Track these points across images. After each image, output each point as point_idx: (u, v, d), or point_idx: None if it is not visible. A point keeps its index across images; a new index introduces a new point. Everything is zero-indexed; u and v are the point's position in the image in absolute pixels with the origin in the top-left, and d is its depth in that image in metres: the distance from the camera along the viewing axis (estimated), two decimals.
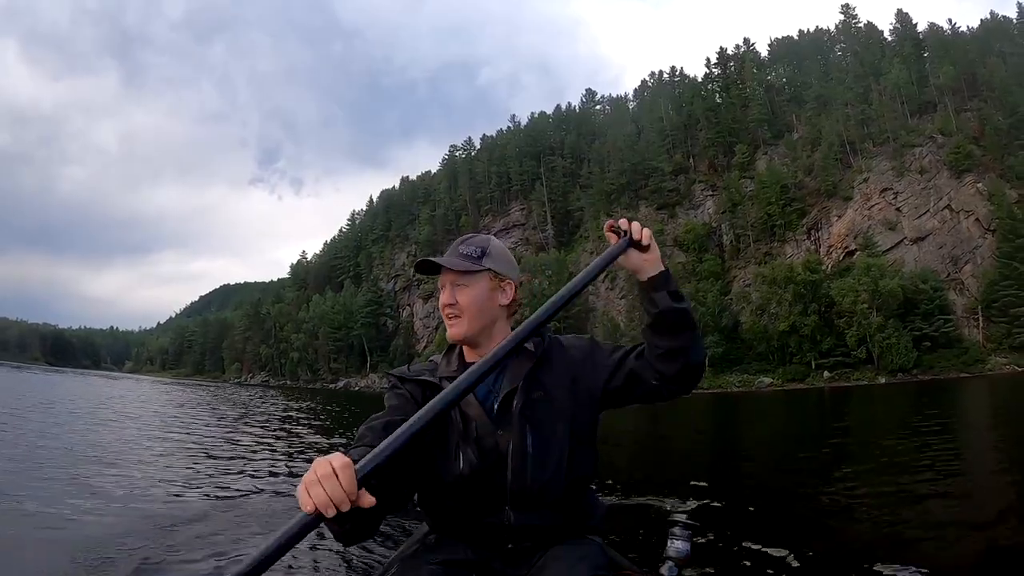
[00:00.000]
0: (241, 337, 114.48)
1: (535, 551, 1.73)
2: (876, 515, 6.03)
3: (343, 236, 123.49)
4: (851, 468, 9.28)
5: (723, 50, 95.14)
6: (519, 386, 1.78)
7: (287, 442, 13.45)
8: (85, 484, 6.92)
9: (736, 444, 15.79)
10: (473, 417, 1.79)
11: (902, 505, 6.45)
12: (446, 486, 1.76)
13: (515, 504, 1.72)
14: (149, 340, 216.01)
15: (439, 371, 1.92)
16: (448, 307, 1.84)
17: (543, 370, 1.82)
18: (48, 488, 6.40)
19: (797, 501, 7.06)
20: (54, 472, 7.54)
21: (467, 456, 1.74)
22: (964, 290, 58.06)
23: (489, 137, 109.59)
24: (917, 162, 65.86)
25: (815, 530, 5.44)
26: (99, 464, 8.76)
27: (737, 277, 69.13)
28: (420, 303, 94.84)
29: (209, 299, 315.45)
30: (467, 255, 1.87)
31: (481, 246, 1.89)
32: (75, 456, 9.32)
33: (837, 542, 4.84)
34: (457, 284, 1.85)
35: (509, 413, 1.77)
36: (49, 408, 19.41)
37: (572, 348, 1.90)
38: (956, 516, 5.98)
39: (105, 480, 7.37)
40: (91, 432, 13.23)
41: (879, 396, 33.99)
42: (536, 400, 1.78)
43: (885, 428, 16.32)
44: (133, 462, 9.30)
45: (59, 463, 8.30)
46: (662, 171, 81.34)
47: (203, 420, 19.01)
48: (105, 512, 5.60)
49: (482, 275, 1.87)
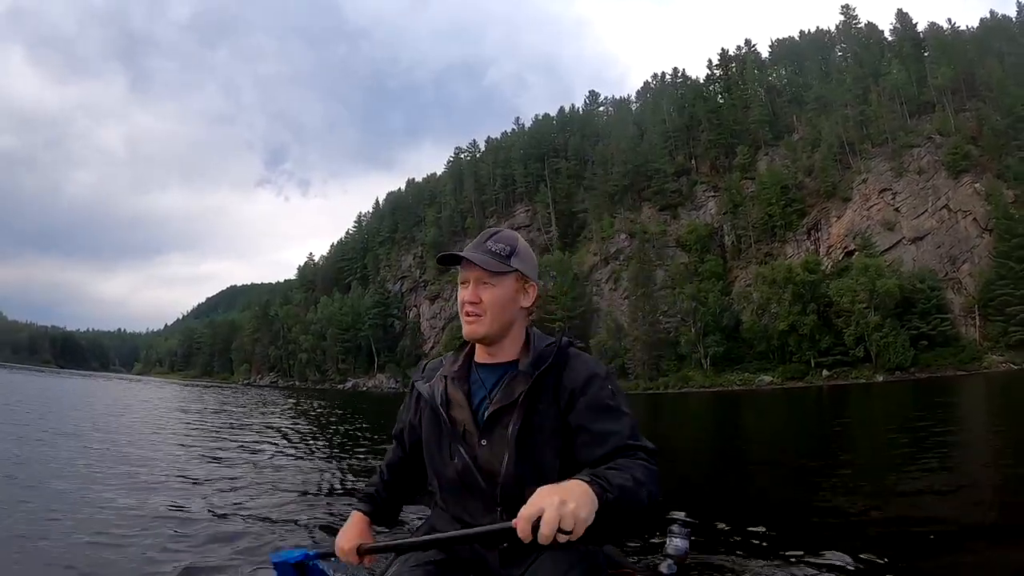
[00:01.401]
0: (250, 339, 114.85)
1: (531, 550, 1.60)
2: (874, 511, 6.07)
3: (350, 238, 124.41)
4: (849, 464, 9.41)
5: (724, 51, 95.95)
6: (514, 404, 1.75)
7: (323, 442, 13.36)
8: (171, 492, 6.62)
9: (736, 441, 15.76)
10: (461, 421, 1.81)
11: (900, 500, 6.53)
12: (446, 480, 1.83)
13: (507, 507, 1.70)
14: (157, 342, 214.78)
15: (444, 369, 1.93)
16: (471, 305, 1.80)
17: (539, 392, 1.76)
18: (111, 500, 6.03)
19: (796, 498, 7.09)
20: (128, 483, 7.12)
21: (459, 455, 1.78)
22: (962, 289, 58.56)
23: (494, 139, 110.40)
24: (915, 162, 66.36)
25: (815, 528, 5.49)
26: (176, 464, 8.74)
27: (739, 277, 69.78)
28: (427, 304, 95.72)
29: (216, 300, 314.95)
30: (496, 253, 1.82)
31: (511, 244, 1.85)
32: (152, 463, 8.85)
33: (836, 539, 4.83)
34: (483, 282, 1.81)
35: (497, 427, 1.76)
36: (101, 415, 18.75)
37: (572, 371, 1.79)
38: (952, 509, 6.07)
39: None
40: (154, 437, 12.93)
41: (877, 394, 34.34)
42: (528, 424, 1.74)
43: (882, 425, 16.48)
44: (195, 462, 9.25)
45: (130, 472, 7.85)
46: (664, 172, 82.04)
47: (248, 423, 18.13)
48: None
49: (510, 275, 1.83)
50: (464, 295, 1.81)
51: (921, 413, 18.35)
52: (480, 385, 1.87)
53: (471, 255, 1.80)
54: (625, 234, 77.52)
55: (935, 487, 7.15)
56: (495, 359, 1.88)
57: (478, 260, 1.79)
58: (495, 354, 1.88)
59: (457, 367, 1.90)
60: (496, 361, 1.88)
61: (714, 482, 8.56)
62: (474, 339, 1.84)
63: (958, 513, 5.89)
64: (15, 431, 11.97)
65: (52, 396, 28.00)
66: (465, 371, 1.90)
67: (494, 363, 1.88)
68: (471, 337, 1.83)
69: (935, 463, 8.67)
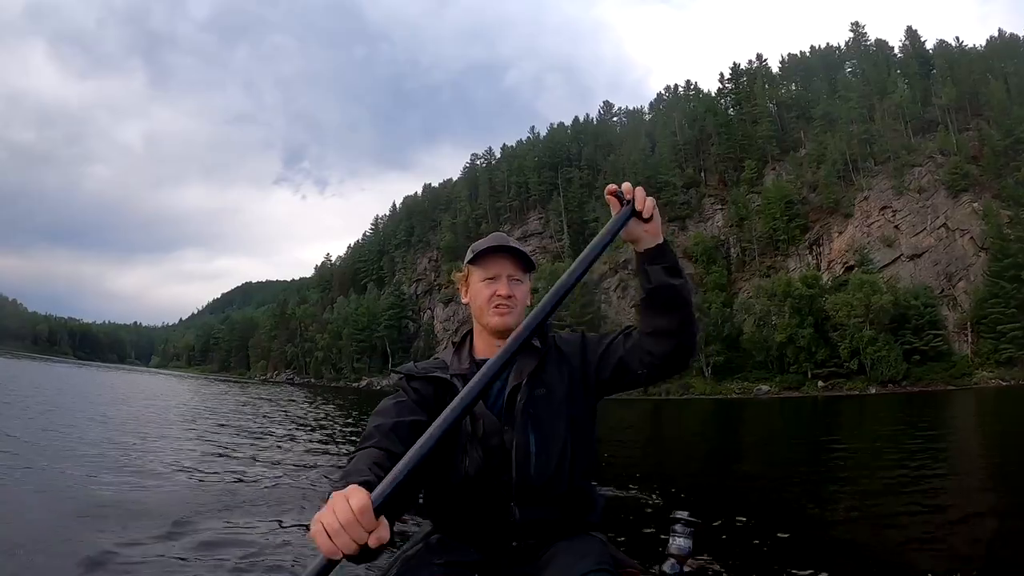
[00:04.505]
0: (267, 336, 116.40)
1: (539, 549, 1.68)
2: (871, 511, 6.37)
3: (367, 240, 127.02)
4: (842, 470, 9.88)
5: (736, 65, 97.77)
6: (523, 382, 1.77)
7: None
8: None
9: (736, 446, 16.09)
10: (480, 415, 1.75)
11: (890, 501, 6.85)
12: (452, 487, 1.74)
13: (520, 500, 1.69)
14: (173, 336, 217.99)
15: (451, 368, 1.87)
16: (506, 298, 1.82)
17: (546, 367, 1.80)
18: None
19: (797, 499, 7.29)
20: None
21: (473, 457, 1.72)
22: (957, 306, 59.90)
23: (509, 147, 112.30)
24: (916, 181, 67.81)
25: (815, 527, 5.67)
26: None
27: (742, 288, 71.19)
28: (440, 307, 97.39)
29: (231, 297, 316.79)
30: (524, 252, 1.88)
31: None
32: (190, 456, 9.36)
33: (836, 538, 5.01)
34: (515, 279, 1.85)
35: (514, 410, 1.75)
36: (139, 408, 19.84)
37: (567, 343, 1.88)
38: (939, 509, 6.47)
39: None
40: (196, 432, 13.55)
41: (869, 405, 35.17)
42: (539, 397, 1.76)
43: (873, 434, 16.92)
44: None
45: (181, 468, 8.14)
46: (674, 185, 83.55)
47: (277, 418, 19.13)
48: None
49: (530, 275, 1.92)
50: (498, 289, 1.83)
51: (909, 424, 19.26)
52: None
53: (521, 249, 1.88)
54: None
55: (920, 489, 7.51)
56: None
57: (523, 256, 1.87)
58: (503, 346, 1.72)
59: (466, 366, 1.87)
60: None
61: (716, 483, 8.95)
62: (506, 329, 1.81)
63: (941, 510, 6.39)
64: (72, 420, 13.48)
65: (98, 388, 30.06)
66: (473, 370, 1.83)
67: None
68: (504, 328, 1.82)
69: (922, 468, 9.20)
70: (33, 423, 12.14)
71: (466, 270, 1.95)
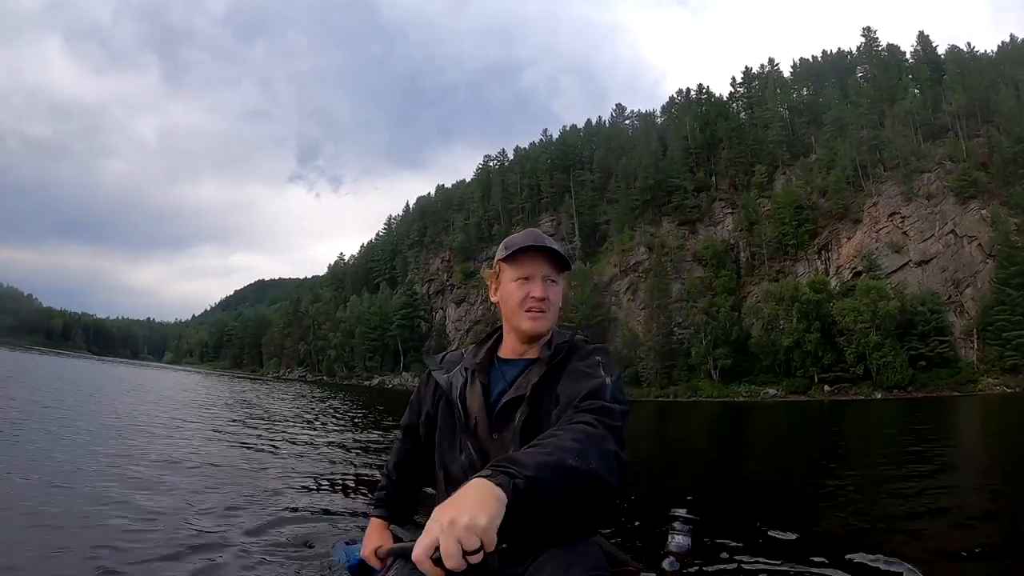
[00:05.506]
0: (280, 333, 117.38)
1: (531, 550, 1.58)
2: (873, 512, 6.32)
3: (380, 240, 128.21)
4: (846, 470, 9.86)
5: (748, 69, 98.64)
6: (526, 395, 1.72)
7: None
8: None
9: (739, 447, 16.16)
10: (474, 414, 1.77)
11: (893, 503, 6.82)
12: (452, 475, 1.77)
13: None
14: (186, 332, 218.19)
15: (465, 361, 1.90)
16: (541, 301, 1.76)
17: (550, 381, 1.72)
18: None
19: (797, 499, 7.32)
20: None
21: (467, 450, 1.75)
22: (964, 312, 60.13)
23: (522, 149, 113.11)
24: (925, 187, 67.96)
25: (815, 527, 5.66)
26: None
27: (751, 292, 71.63)
28: (452, 307, 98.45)
29: (244, 293, 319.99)
30: (562, 252, 1.80)
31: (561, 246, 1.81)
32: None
33: (836, 538, 5.04)
34: (551, 280, 1.79)
35: (508, 420, 1.72)
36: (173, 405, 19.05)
37: (576, 361, 1.74)
38: (942, 513, 6.47)
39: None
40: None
41: (874, 410, 35.13)
42: (538, 414, 1.69)
43: (877, 438, 16.89)
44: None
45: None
46: (685, 188, 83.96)
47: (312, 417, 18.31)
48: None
49: (565, 275, 1.84)
50: (532, 290, 1.76)
51: (913, 428, 19.54)
52: (500, 379, 1.84)
53: (558, 248, 1.80)
54: (644, 247, 79.40)
55: (923, 490, 7.53)
56: (522, 355, 1.86)
57: (559, 256, 1.79)
58: (526, 351, 1.85)
59: (479, 360, 1.87)
60: (522, 357, 1.86)
61: (717, 482, 9.06)
62: (539, 334, 1.79)
63: (944, 514, 6.40)
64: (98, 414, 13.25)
65: (118, 381, 30.60)
66: (487, 365, 1.87)
67: (518, 359, 1.86)
68: (537, 332, 1.78)
69: (924, 472, 9.27)
70: (68, 415, 11.82)
71: (497, 267, 1.88)
